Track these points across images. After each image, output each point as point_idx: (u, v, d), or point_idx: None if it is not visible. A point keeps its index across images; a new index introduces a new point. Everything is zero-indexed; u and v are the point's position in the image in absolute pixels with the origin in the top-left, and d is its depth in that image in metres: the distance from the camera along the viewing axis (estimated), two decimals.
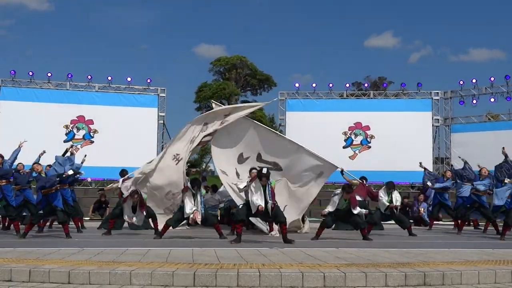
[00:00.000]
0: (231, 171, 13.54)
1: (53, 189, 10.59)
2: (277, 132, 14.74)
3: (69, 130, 22.49)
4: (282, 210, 10.93)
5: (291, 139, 14.13)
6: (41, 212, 10.59)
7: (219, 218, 14.36)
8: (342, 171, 13.80)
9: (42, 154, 12.58)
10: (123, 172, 14.18)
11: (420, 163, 16.28)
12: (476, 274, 6.17)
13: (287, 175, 13.22)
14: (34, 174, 11.59)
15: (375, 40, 64.51)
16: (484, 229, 13.97)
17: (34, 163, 11.31)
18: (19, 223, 11.47)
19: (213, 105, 14.64)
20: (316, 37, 65.42)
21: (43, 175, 11.02)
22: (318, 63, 66.83)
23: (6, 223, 12.68)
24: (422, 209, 16.68)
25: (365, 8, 62.74)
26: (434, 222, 15.43)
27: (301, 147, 13.32)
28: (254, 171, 12.00)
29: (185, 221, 11.42)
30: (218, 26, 65.15)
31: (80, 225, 12.55)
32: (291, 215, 12.36)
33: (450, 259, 7.25)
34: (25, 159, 12.70)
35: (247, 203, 10.41)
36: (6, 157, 11.91)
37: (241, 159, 13.83)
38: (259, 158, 13.66)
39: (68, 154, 13.03)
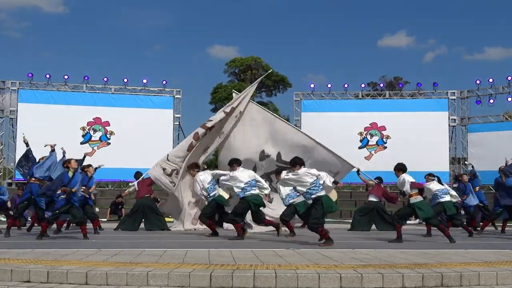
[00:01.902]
0: (250, 166, 13.50)
1: (73, 189, 10.58)
2: (295, 127, 14.79)
3: (85, 132, 22.71)
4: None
5: (309, 136, 14.08)
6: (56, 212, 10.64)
7: None
8: (358, 171, 13.74)
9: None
10: (138, 174, 14.24)
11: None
12: (494, 275, 6.11)
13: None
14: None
15: (388, 40, 63.97)
16: (502, 230, 13.83)
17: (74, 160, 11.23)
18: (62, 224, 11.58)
19: (234, 95, 15.09)
20: (328, 37, 65.12)
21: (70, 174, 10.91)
22: (331, 63, 66.61)
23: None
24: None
25: (377, 8, 62.31)
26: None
27: (319, 144, 13.36)
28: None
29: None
30: (231, 27, 65.13)
31: (97, 226, 12.63)
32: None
33: (467, 260, 7.19)
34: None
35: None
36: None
37: (262, 157, 13.93)
38: (278, 157, 13.73)
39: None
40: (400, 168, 10.84)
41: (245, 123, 14.05)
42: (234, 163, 11.19)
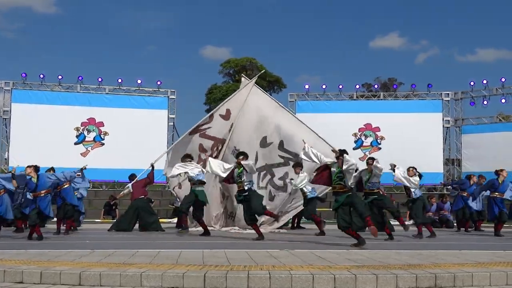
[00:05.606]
0: (251, 154, 13.28)
1: (42, 192, 10.65)
2: (298, 119, 14.79)
3: (79, 132, 22.63)
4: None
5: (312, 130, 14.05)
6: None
7: None
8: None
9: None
10: (132, 176, 14.19)
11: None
12: (487, 276, 6.14)
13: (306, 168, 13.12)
14: (27, 177, 10.93)
15: (380, 41, 63.89)
16: (496, 231, 13.83)
17: (27, 166, 11.07)
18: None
19: (242, 79, 15.06)
20: (322, 38, 64.99)
21: (34, 180, 10.82)
22: (326, 64, 66.53)
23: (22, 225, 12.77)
24: (432, 213, 16.80)
25: (368, 9, 62.27)
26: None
27: (321, 139, 13.37)
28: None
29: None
30: (224, 29, 64.99)
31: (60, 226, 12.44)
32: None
33: (461, 261, 7.21)
34: (38, 163, 12.75)
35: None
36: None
37: (264, 143, 13.88)
38: (280, 146, 13.71)
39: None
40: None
41: (250, 107, 13.96)
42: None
